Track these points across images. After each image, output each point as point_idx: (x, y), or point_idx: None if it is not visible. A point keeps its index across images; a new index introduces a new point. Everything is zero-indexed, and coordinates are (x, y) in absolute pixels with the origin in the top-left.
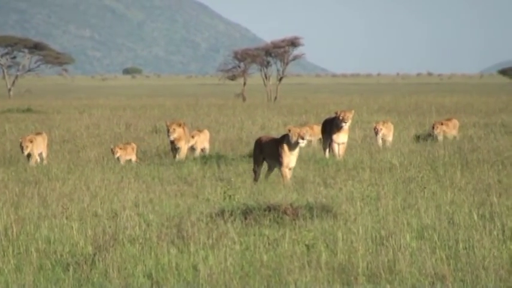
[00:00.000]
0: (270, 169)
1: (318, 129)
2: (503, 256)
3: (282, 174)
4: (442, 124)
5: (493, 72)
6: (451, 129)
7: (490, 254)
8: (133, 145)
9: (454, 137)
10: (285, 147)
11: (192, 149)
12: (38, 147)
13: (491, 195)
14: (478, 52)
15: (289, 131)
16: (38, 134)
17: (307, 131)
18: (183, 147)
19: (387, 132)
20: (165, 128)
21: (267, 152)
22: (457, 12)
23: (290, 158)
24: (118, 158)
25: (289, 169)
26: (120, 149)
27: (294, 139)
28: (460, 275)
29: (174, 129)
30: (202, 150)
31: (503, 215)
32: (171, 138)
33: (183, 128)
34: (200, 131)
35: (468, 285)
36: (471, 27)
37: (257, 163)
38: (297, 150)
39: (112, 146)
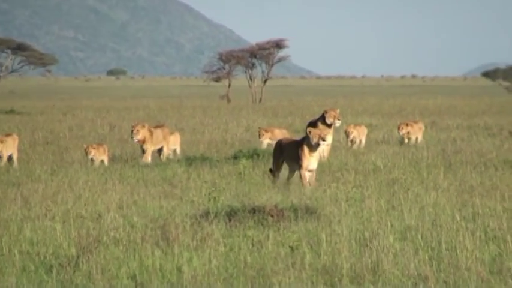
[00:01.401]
0: (291, 172)
1: (279, 133)
2: (486, 257)
3: (301, 176)
4: (407, 125)
5: (476, 74)
6: (416, 131)
7: (472, 255)
8: (105, 146)
9: (417, 139)
10: (305, 149)
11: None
12: (8, 149)
13: (474, 197)
14: (462, 54)
15: (310, 132)
16: (8, 135)
17: (329, 132)
18: (149, 149)
19: (357, 135)
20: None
21: (288, 154)
22: (440, 15)
23: (310, 160)
24: (92, 159)
25: (310, 171)
26: (94, 149)
27: (314, 141)
28: (443, 276)
29: (137, 130)
30: (173, 152)
31: (486, 216)
32: (135, 139)
33: (150, 130)
34: (171, 133)
35: (451, 286)
36: (455, 30)
37: (277, 165)
38: (317, 152)
39: (85, 146)
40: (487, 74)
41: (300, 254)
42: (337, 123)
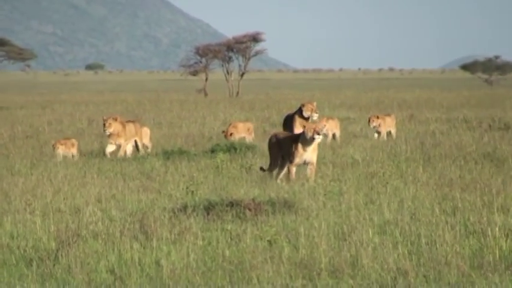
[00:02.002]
0: (282, 167)
1: (242, 127)
2: (466, 251)
3: (289, 170)
4: (377, 118)
5: (454, 67)
6: (387, 124)
7: (452, 249)
8: (74, 140)
9: (390, 133)
10: (299, 144)
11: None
12: None
13: (454, 191)
14: (440, 47)
15: (304, 127)
16: None
17: (324, 126)
18: (122, 143)
19: (331, 128)
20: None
21: (285, 148)
22: (418, 8)
23: (304, 155)
24: (58, 154)
25: (310, 164)
26: (61, 144)
27: (309, 135)
28: (423, 270)
29: (109, 123)
30: (143, 147)
31: (466, 210)
32: (107, 132)
33: (122, 123)
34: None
35: (430, 280)
36: (433, 23)
37: (275, 160)
38: (313, 146)
39: (53, 142)
40: (465, 67)
41: (278, 247)
42: (315, 116)
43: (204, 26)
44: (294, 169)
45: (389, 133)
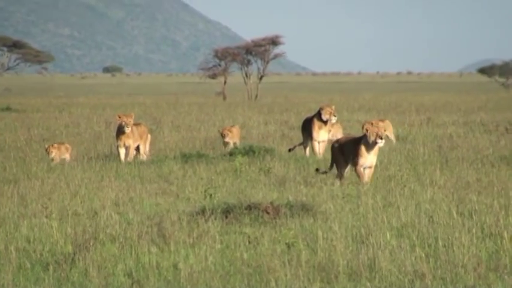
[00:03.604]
0: (349, 169)
1: (236, 131)
2: (482, 254)
3: (357, 174)
4: (371, 124)
5: (472, 71)
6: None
7: (469, 251)
8: (67, 145)
9: (387, 137)
10: (362, 147)
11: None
12: None
13: (471, 193)
14: (458, 51)
15: (367, 130)
16: None
17: (385, 130)
18: (131, 145)
19: (335, 133)
20: (117, 120)
21: (347, 151)
22: (437, 12)
23: (367, 158)
24: (52, 158)
25: (369, 168)
26: (55, 148)
27: (371, 139)
28: (440, 273)
29: (129, 120)
30: (144, 153)
31: (482, 213)
32: (127, 130)
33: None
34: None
35: (447, 283)
36: (451, 27)
37: (340, 165)
38: (375, 149)
39: (46, 146)
40: (483, 71)
41: (296, 251)
42: (333, 119)
43: (223, 29)
44: (361, 170)
45: (386, 137)
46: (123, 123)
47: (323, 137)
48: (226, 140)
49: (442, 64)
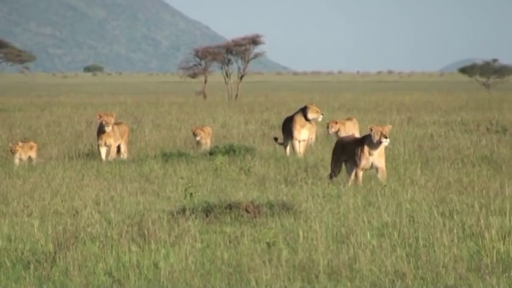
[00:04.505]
0: (350, 171)
1: (207, 131)
2: (463, 254)
3: (356, 175)
4: (336, 123)
5: (453, 70)
6: (348, 129)
7: (450, 251)
8: (33, 144)
9: None
10: (366, 147)
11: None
12: None
13: (451, 193)
14: (438, 50)
15: (371, 130)
16: None
17: (389, 128)
18: (112, 144)
19: (310, 134)
20: (98, 119)
21: (348, 152)
22: (418, 11)
23: (370, 159)
24: (16, 157)
25: (378, 168)
26: (20, 147)
27: (376, 138)
28: (420, 273)
29: (110, 119)
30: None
31: (463, 213)
32: (108, 129)
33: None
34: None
35: (428, 283)
36: (432, 26)
37: (336, 166)
38: (380, 150)
39: (11, 145)
40: (464, 70)
41: (276, 250)
42: (320, 118)
43: (204, 28)
44: (360, 173)
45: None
46: (104, 122)
47: (304, 136)
48: (197, 139)
49: (423, 63)
